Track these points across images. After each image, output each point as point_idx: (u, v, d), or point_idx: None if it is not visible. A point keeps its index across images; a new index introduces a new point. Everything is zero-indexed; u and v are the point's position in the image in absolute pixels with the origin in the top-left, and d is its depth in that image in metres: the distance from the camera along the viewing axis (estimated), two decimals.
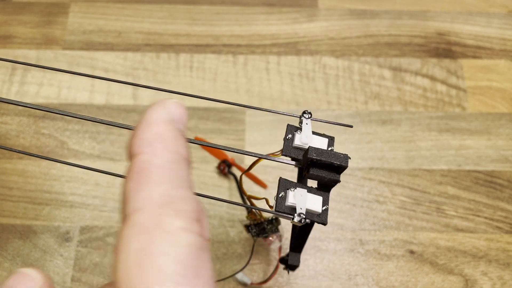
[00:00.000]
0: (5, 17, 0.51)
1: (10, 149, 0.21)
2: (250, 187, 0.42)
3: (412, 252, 0.40)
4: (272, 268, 0.39)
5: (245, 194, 0.26)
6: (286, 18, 0.51)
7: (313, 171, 0.21)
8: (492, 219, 0.42)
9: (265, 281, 0.38)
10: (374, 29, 0.51)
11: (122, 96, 0.46)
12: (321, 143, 0.23)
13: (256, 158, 0.24)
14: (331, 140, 0.23)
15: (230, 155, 0.43)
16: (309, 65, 0.49)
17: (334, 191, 0.43)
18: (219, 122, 0.45)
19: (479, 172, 0.44)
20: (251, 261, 0.39)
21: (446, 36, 0.51)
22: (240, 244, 0.40)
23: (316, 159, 0.21)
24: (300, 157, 0.22)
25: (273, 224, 0.35)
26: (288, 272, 0.35)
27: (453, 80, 0.48)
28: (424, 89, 0.48)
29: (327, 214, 0.21)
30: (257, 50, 0.49)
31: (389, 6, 0.53)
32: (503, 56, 0.50)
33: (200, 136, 0.44)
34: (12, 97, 0.46)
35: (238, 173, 0.43)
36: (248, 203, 0.30)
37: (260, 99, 0.46)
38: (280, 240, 0.37)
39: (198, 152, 0.43)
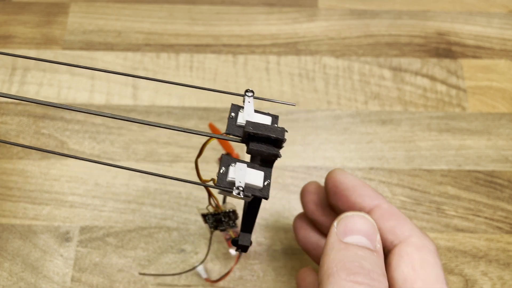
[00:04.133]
0: (5, 17, 0.51)
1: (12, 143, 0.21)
2: None
3: None
4: (237, 267, 0.39)
5: (201, 179, 0.26)
6: (286, 18, 0.51)
7: (252, 145, 0.21)
8: (492, 219, 0.42)
9: (217, 280, 0.38)
10: (374, 29, 0.51)
11: (122, 96, 0.46)
12: (264, 121, 0.23)
13: (205, 141, 0.24)
14: (275, 118, 0.23)
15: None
16: (309, 65, 0.49)
17: None
18: (219, 122, 0.45)
19: (479, 172, 0.44)
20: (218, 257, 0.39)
21: (446, 36, 0.51)
22: None
23: (253, 133, 0.21)
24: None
25: (230, 218, 0.34)
26: (240, 253, 0.34)
27: (453, 80, 0.48)
28: (424, 89, 0.48)
29: (269, 189, 0.22)
30: (257, 50, 0.49)
31: (389, 6, 0.53)
32: (503, 56, 0.50)
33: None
34: None
35: None
36: (206, 191, 0.29)
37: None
38: None
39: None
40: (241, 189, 0.21)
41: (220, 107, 0.46)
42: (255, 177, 0.21)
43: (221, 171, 0.21)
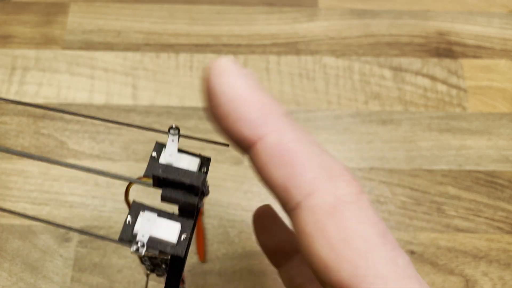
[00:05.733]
0: (4, 17, 0.51)
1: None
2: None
3: (412, 252, 0.40)
4: None
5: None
6: (286, 18, 0.51)
7: (165, 192, 0.18)
8: (492, 219, 0.42)
9: None
10: (375, 29, 0.51)
11: (122, 96, 0.46)
12: (191, 164, 0.19)
13: (126, 187, 0.21)
14: (206, 160, 0.19)
15: None
16: (309, 65, 0.48)
17: None
18: None
19: (479, 172, 0.44)
20: None
21: (446, 36, 0.51)
22: (240, 245, 0.40)
23: (163, 177, 0.17)
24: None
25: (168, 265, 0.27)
26: None
27: (453, 80, 0.48)
28: (425, 89, 0.47)
29: (186, 244, 0.17)
30: (257, 50, 0.49)
31: (390, 6, 0.53)
32: (503, 56, 0.50)
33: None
34: (11, 97, 0.46)
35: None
36: None
37: None
38: None
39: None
40: (141, 245, 0.17)
41: None
42: (168, 230, 0.17)
43: (127, 221, 0.17)
